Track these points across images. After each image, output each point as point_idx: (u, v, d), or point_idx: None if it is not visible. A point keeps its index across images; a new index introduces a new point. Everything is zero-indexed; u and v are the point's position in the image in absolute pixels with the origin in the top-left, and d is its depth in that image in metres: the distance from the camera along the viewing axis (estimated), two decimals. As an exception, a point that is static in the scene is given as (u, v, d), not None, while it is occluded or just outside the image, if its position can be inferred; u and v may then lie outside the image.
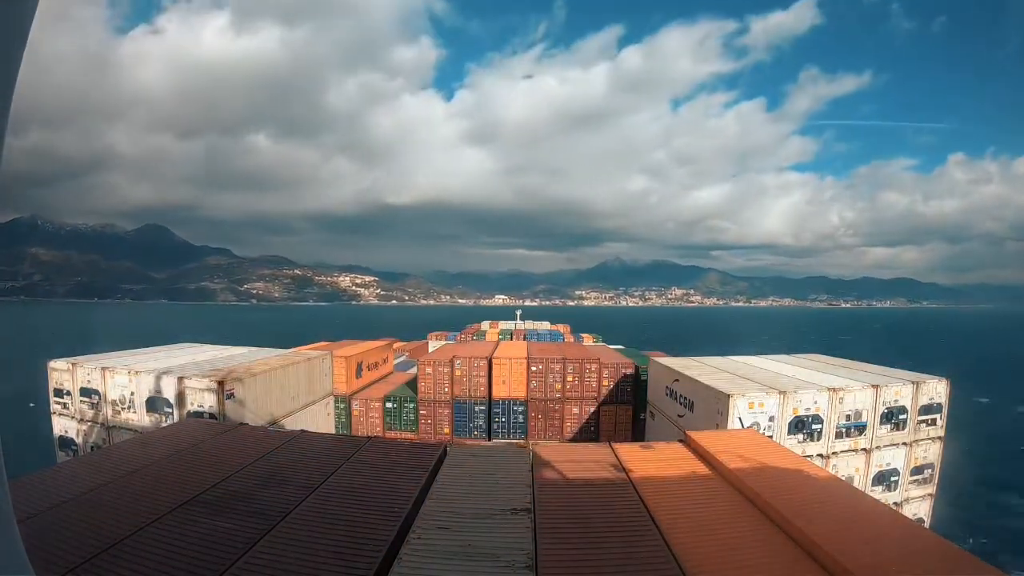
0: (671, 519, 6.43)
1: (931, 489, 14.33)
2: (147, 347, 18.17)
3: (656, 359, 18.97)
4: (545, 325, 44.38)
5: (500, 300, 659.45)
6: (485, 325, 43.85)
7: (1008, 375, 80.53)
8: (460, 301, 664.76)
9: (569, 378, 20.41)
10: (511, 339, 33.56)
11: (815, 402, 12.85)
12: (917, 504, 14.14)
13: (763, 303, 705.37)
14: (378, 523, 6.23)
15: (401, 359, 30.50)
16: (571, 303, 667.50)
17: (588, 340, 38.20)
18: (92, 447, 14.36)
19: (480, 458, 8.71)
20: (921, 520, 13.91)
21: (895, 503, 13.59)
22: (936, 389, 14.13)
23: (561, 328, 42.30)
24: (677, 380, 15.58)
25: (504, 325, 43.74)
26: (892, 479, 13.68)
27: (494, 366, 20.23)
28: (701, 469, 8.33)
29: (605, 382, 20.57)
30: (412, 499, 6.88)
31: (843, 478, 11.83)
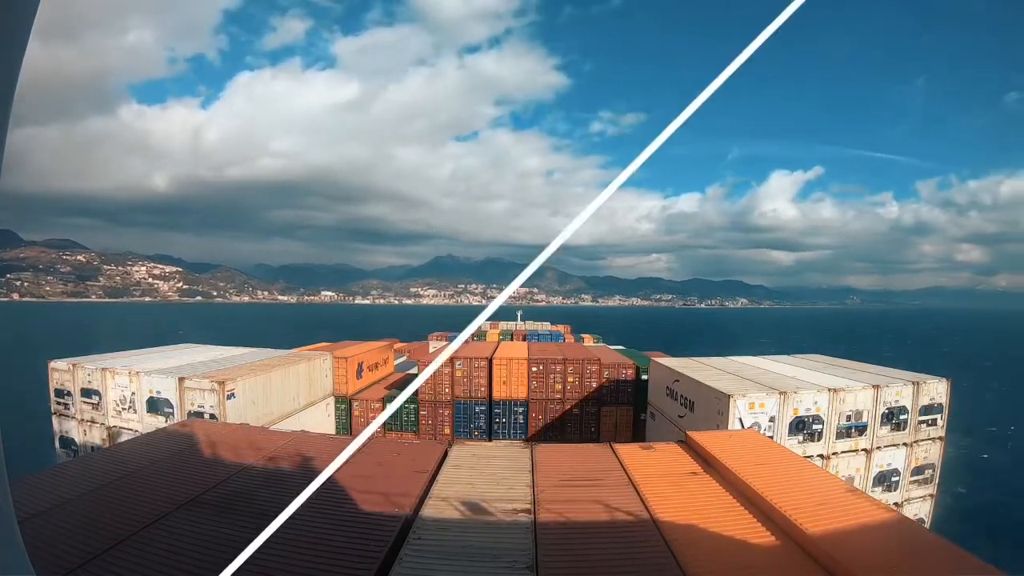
0: (671, 520, 6.43)
1: (932, 489, 14.32)
2: (149, 347, 18.20)
3: (656, 360, 18.96)
4: (546, 326, 44.59)
5: (327, 297, 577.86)
6: (486, 325, 43.98)
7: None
8: (281, 298, 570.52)
9: (570, 379, 20.38)
10: (512, 339, 33.67)
11: (815, 402, 12.85)
12: (918, 504, 14.13)
13: (610, 302, 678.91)
14: (378, 523, 6.24)
15: (401, 360, 30.57)
16: (408, 301, 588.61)
17: (588, 341, 38.40)
18: (93, 447, 14.38)
19: (480, 459, 8.74)
20: (922, 520, 13.90)
21: (896, 503, 13.57)
22: (937, 389, 14.12)
23: (562, 328, 42.48)
24: (677, 380, 15.58)
25: (505, 326, 43.91)
26: (893, 479, 13.66)
27: (495, 367, 20.22)
28: (701, 470, 8.33)
29: (606, 383, 20.55)
30: (412, 500, 6.90)
31: (844, 478, 11.82)
